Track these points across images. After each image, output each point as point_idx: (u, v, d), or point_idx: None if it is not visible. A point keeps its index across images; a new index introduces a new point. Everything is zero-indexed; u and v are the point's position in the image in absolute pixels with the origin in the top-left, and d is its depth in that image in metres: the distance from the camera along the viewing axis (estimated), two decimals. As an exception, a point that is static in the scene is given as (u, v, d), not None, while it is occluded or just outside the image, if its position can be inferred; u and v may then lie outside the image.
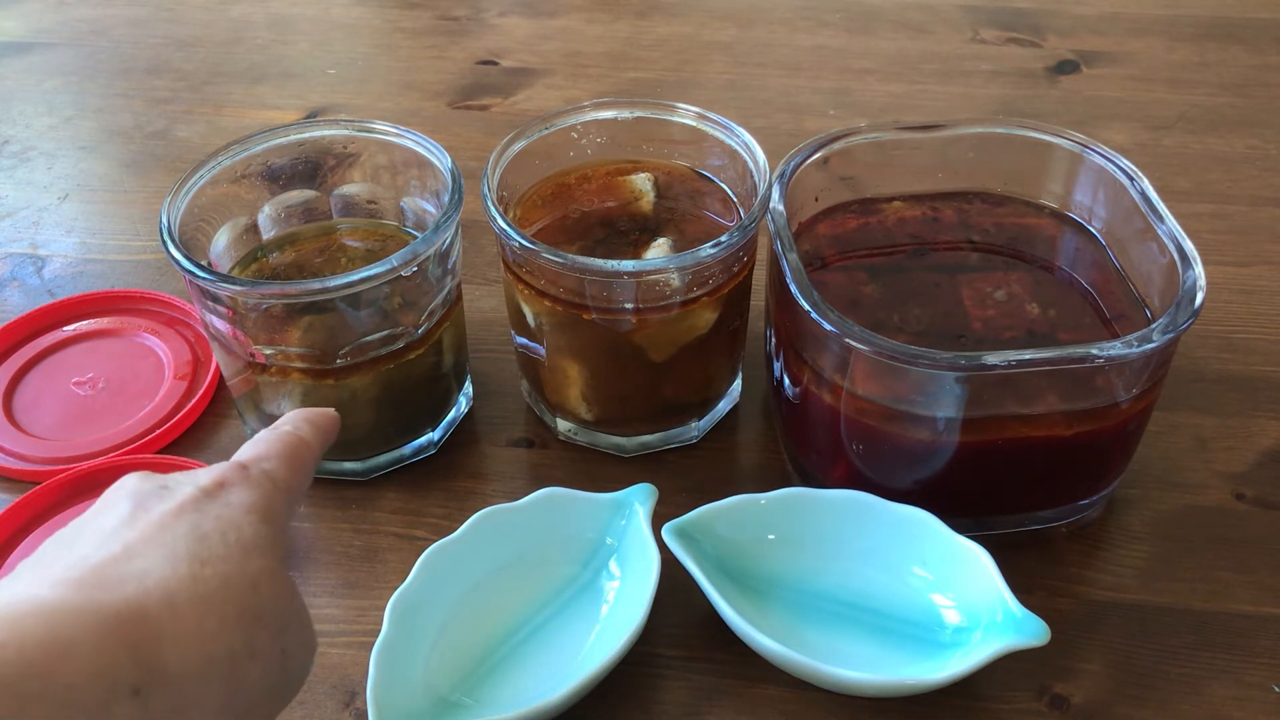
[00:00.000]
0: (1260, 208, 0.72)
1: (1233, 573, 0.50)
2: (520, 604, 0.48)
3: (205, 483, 0.33)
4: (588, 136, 0.57)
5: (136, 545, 0.30)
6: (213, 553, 0.31)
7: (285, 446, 0.37)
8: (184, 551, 0.31)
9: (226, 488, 0.34)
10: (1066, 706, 0.46)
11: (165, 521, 0.31)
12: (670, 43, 0.92)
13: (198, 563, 0.30)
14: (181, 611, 0.29)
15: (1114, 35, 0.92)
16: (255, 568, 0.32)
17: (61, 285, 0.68)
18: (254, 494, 0.34)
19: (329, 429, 0.40)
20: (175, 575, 0.30)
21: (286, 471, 0.36)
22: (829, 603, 0.48)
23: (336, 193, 0.57)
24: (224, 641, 0.30)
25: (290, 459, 0.37)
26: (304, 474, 0.37)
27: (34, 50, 0.93)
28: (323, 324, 0.50)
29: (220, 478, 0.34)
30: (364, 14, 0.99)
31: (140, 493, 0.33)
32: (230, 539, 0.32)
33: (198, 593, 0.30)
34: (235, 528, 0.32)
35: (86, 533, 0.32)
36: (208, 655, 0.29)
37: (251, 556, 0.32)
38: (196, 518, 0.32)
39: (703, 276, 0.50)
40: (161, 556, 0.30)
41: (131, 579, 0.29)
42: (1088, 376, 0.46)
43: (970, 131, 0.57)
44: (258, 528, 0.33)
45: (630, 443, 0.56)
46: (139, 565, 0.30)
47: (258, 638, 0.31)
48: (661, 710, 0.46)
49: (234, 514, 0.33)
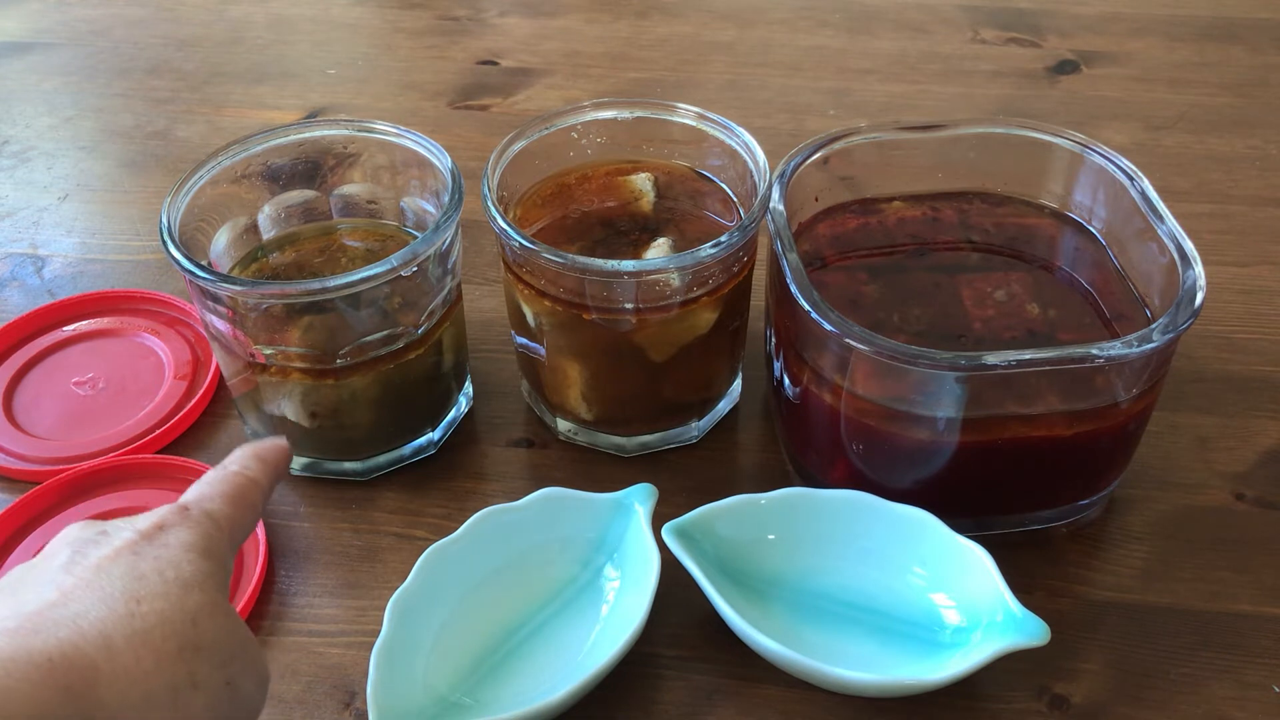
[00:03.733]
0: (1260, 208, 0.72)
1: (1233, 573, 0.50)
2: (520, 604, 0.48)
3: (144, 526, 0.34)
4: (588, 136, 0.57)
5: (72, 590, 0.31)
6: (149, 590, 0.32)
7: (230, 486, 0.38)
8: (120, 591, 0.31)
9: (165, 529, 0.34)
10: (1066, 706, 0.46)
11: (102, 565, 0.32)
12: (670, 43, 0.92)
13: (134, 601, 0.31)
14: (118, 650, 0.30)
15: (1114, 35, 0.92)
16: (194, 602, 0.32)
17: (61, 285, 0.68)
18: (193, 533, 0.34)
19: (278, 462, 0.40)
20: (111, 615, 0.30)
21: (230, 509, 0.37)
22: (829, 603, 0.48)
23: (336, 193, 0.57)
24: (163, 676, 0.30)
25: (233, 497, 0.37)
26: (248, 510, 0.38)
27: (34, 50, 0.93)
28: (323, 324, 0.50)
29: (160, 520, 0.35)
30: (364, 14, 0.99)
31: (79, 540, 0.34)
32: (168, 576, 0.32)
33: (134, 629, 0.30)
34: (173, 565, 0.33)
35: (25, 582, 0.32)
36: (147, 692, 0.30)
37: (191, 592, 0.32)
38: (133, 559, 0.33)
39: (703, 276, 0.50)
40: (97, 599, 0.31)
41: (65, 622, 0.30)
42: (1088, 376, 0.46)
43: (970, 131, 0.57)
44: (197, 564, 0.33)
45: (630, 443, 0.56)
46: (74, 609, 0.30)
47: (199, 670, 0.31)
48: (661, 710, 0.46)
49: (172, 553, 0.33)
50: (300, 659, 0.48)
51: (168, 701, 0.30)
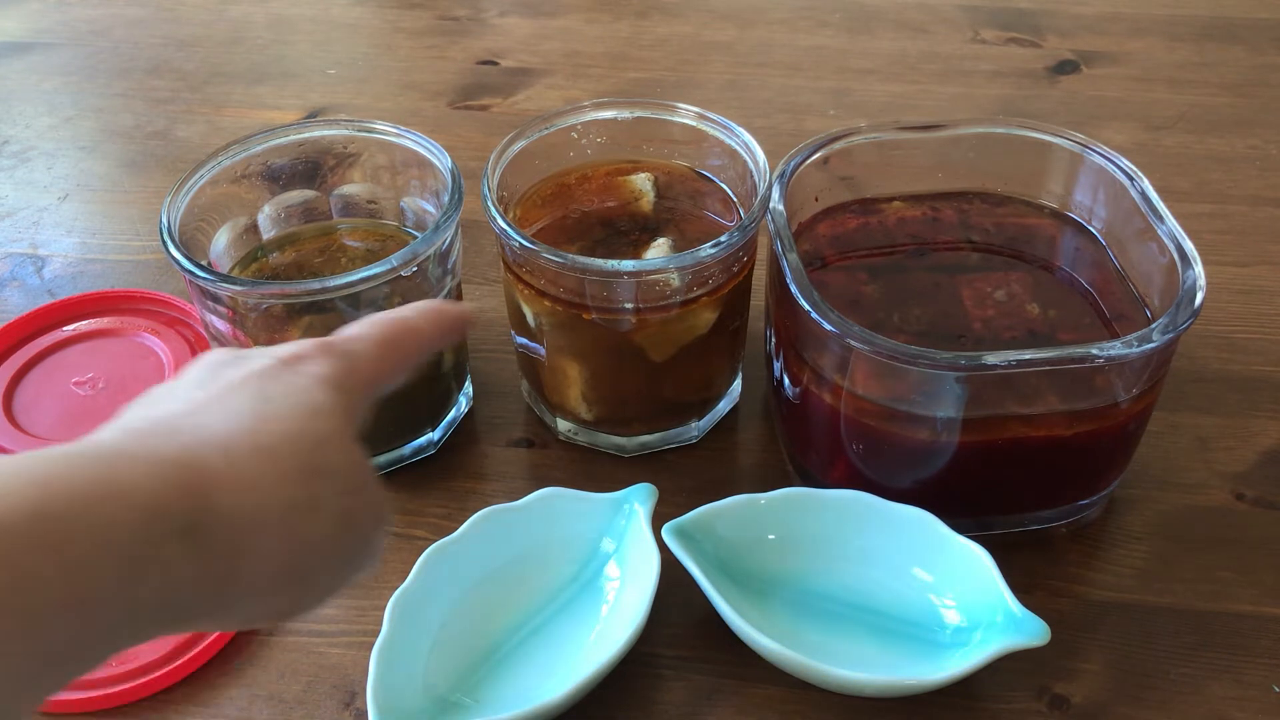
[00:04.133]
0: (1260, 208, 0.72)
1: (1233, 573, 0.50)
2: (520, 604, 0.48)
3: (282, 354, 0.34)
4: (588, 136, 0.57)
5: (202, 403, 0.31)
6: (276, 411, 0.31)
7: (385, 330, 0.36)
8: (248, 409, 0.31)
9: (302, 360, 0.34)
10: (1066, 706, 0.46)
11: (234, 383, 0.32)
12: (670, 43, 0.92)
13: (260, 419, 0.31)
14: (239, 461, 0.29)
15: (1114, 35, 0.92)
16: (321, 428, 0.32)
17: (61, 285, 0.68)
18: (330, 366, 0.34)
19: (455, 324, 0.39)
20: (237, 428, 0.30)
21: (376, 352, 0.36)
22: (829, 603, 0.48)
23: (336, 193, 0.57)
24: (282, 493, 0.30)
25: (385, 342, 0.36)
26: (400, 357, 0.37)
27: (34, 50, 0.93)
28: (323, 324, 0.50)
29: (299, 351, 0.34)
30: (364, 14, 0.99)
31: (217, 362, 0.34)
32: (298, 401, 0.32)
33: (258, 445, 0.30)
34: (304, 391, 0.32)
35: (160, 396, 0.32)
36: (263, 504, 0.29)
37: (318, 418, 0.32)
38: (264, 382, 0.32)
39: (703, 276, 0.50)
40: (224, 413, 0.31)
41: (189, 430, 0.30)
42: (1088, 376, 0.46)
43: (970, 131, 0.57)
44: (329, 394, 0.33)
45: (630, 443, 0.56)
46: (199, 419, 0.30)
47: (319, 494, 0.31)
48: (661, 710, 0.46)
49: (304, 381, 0.33)
50: (300, 659, 0.48)
51: (283, 519, 0.30)
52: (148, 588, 0.26)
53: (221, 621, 0.30)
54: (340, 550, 0.32)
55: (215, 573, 0.28)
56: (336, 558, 0.32)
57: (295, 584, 0.31)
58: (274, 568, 0.30)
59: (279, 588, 0.30)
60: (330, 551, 0.31)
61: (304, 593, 0.31)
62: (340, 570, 0.32)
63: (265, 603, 0.30)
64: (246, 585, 0.29)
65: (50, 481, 0.25)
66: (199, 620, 0.29)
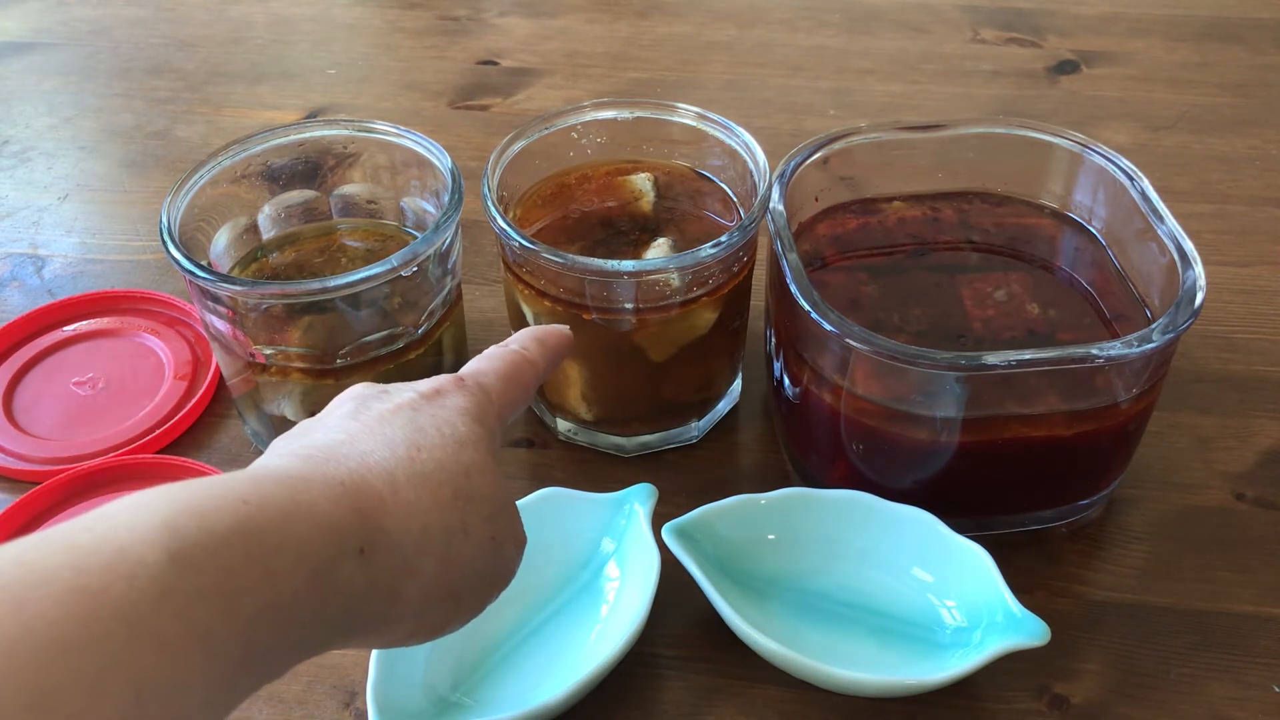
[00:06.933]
0: (1260, 208, 0.72)
1: (1233, 573, 0.50)
2: (520, 604, 0.48)
3: (423, 389, 0.36)
4: (588, 136, 0.57)
5: (358, 433, 0.33)
6: (428, 441, 0.33)
7: (506, 364, 0.39)
8: (402, 439, 0.33)
9: (443, 394, 0.36)
10: (1066, 706, 0.46)
11: (384, 416, 0.34)
12: (670, 43, 0.92)
13: (414, 448, 0.33)
14: (400, 486, 0.32)
15: (1114, 35, 0.91)
16: (468, 457, 0.34)
17: (61, 285, 0.68)
18: (467, 400, 0.36)
19: (559, 348, 0.42)
20: (394, 457, 0.32)
21: (502, 385, 0.38)
22: (829, 603, 0.48)
23: (336, 193, 0.57)
24: (440, 517, 0.32)
25: (508, 376, 0.38)
26: (521, 389, 0.39)
27: (34, 50, 0.93)
28: (323, 324, 0.50)
29: (438, 386, 0.36)
30: (364, 14, 0.99)
31: (363, 395, 0.36)
32: (445, 432, 0.34)
33: (415, 471, 0.32)
34: (449, 423, 0.34)
35: (314, 428, 0.34)
36: (424, 527, 0.32)
37: (465, 448, 0.34)
38: (412, 414, 0.34)
39: (703, 276, 0.50)
40: (381, 442, 0.33)
41: (354, 457, 0.32)
42: (1088, 376, 0.46)
43: (970, 131, 0.57)
44: (470, 426, 0.35)
45: (630, 443, 0.56)
46: (361, 448, 0.32)
47: (470, 519, 0.33)
48: (661, 710, 0.46)
49: (448, 414, 0.35)
50: (300, 659, 0.48)
51: (441, 541, 0.32)
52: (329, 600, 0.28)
53: (385, 636, 0.32)
54: (486, 570, 0.34)
55: (382, 589, 0.30)
56: (483, 577, 0.34)
57: (449, 601, 0.33)
58: (431, 586, 0.32)
59: (434, 605, 0.32)
60: (478, 571, 0.34)
61: (456, 609, 0.34)
62: (485, 589, 0.35)
63: (423, 619, 0.33)
64: (407, 602, 0.31)
65: (251, 500, 0.28)
66: (367, 635, 0.31)
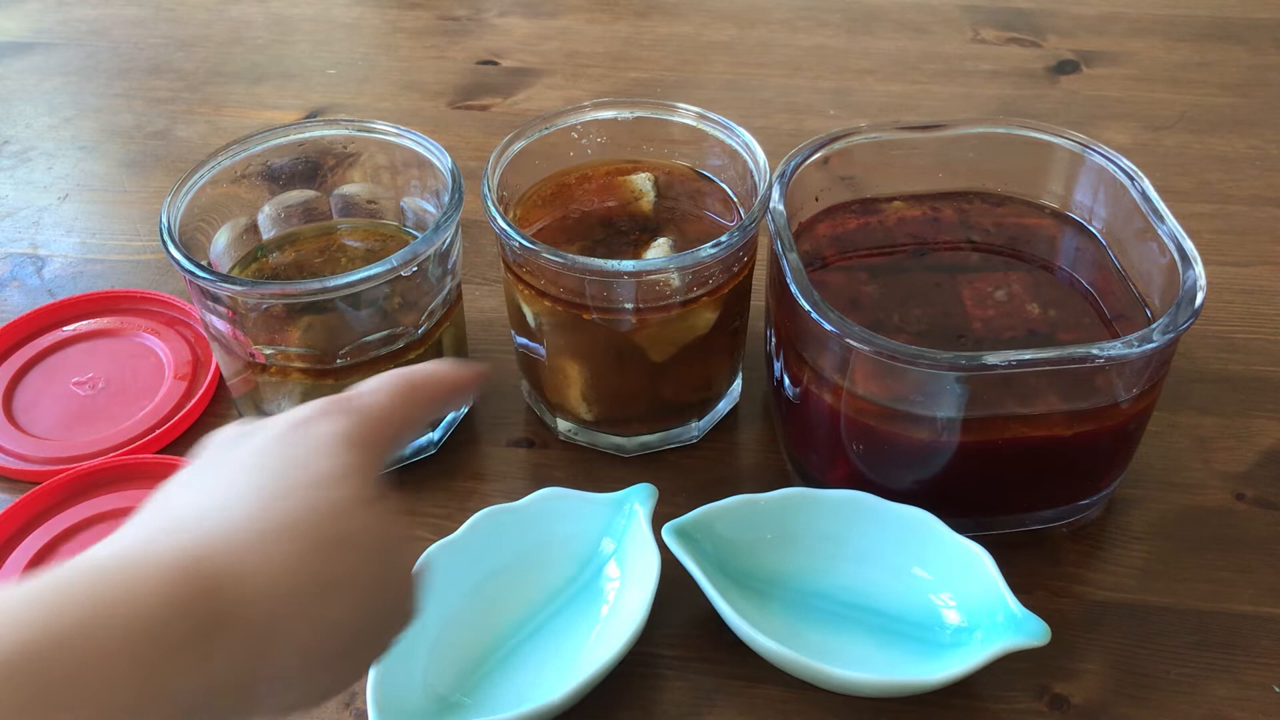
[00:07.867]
0: (1260, 208, 0.72)
1: (1233, 573, 0.50)
2: (520, 604, 0.48)
3: (295, 417, 0.33)
4: (588, 136, 0.57)
5: (208, 491, 0.30)
6: (291, 484, 0.30)
7: (399, 380, 0.35)
8: (252, 492, 0.30)
9: (313, 420, 0.32)
10: (1066, 706, 0.46)
11: (243, 463, 0.31)
12: (670, 43, 0.92)
13: (274, 498, 0.30)
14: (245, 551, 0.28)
15: (1114, 35, 0.91)
16: (335, 496, 0.30)
17: (61, 285, 0.68)
18: (342, 423, 0.32)
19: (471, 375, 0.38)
20: (241, 515, 0.29)
21: (389, 401, 0.34)
22: (829, 603, 0.48)
23: (336, 193, 0.57)
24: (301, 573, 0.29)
25: (398, 391, 0.35)
26: (415, 405, 0.35)
27: (34, 50, 0.93)
28: (323, 324, 0.50)
29: (309, 413, 0.33)
30: (364, 14, 0.99)
31: (225, 440, 0.33)
32: (312, 469, 0.31)
33: (274, 526, 0.29)
34: (316, 457, 0.31)
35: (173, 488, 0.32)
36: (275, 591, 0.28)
37: (330, 487, 0.30)
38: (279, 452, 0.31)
39: (703, 276, 0.50)
40: (230, 498, 0.30)
41: (192, 527, 0.29)
42: (1088, 376, 0.46)
43: (970, 131, 0.57)
44: (342, 455, 0.31)
45: (630, 443, 0.56)
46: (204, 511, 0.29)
47: (343, 568, 0.29)
48: (661, 710, 0.46)
49: (316, 444, 0.31)
50: (300, 659, 0.48)
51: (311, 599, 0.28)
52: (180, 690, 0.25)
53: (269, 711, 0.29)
54: (375, 616, 0.31)
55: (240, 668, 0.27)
56: (370, 628, 0.31)
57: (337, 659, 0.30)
58: (302, 652, 0.28)
59: (319, 667, 0.29)
60: (363, 624, 0.30)
61: (342, 670, 0.30)
62: (378, 636, 0.31)
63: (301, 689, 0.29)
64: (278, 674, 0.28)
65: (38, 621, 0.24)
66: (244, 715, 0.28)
